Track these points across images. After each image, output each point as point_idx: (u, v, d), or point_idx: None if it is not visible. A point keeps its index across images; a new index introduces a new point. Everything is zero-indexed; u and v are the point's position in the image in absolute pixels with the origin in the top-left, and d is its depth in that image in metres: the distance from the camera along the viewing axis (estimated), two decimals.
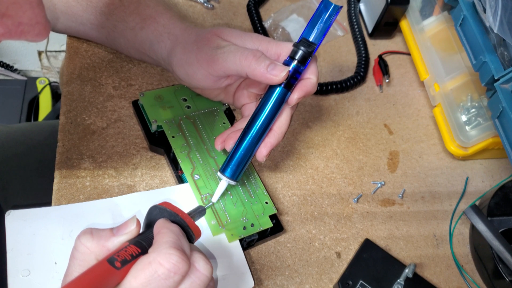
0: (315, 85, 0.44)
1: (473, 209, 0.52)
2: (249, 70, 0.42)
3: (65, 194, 0.48)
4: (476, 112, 0.59)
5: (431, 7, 0.65)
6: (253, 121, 0.45)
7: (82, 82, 0.55)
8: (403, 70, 0.69)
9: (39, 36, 0.28)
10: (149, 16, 0.50)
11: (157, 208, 0.36)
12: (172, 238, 0.33)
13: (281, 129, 0.45)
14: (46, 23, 0.28)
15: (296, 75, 0.44)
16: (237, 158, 0.45)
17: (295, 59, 0.43)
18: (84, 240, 0.33)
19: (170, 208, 0.36)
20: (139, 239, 0.34)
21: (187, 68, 0.46)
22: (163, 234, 0.33)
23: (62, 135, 0.51)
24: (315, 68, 0.44)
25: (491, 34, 0.50)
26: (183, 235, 0.34)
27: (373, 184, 0.57)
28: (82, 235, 0.33)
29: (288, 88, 0.44)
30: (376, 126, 0.62)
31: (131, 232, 0.34)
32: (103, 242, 0.33)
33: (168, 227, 0.34)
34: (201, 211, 0.40)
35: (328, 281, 0.49)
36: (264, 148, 0.45)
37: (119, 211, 0.46)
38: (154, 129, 0.51)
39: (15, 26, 0.27)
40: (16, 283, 0.40)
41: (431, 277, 0.52)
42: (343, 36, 0.70)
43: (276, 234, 0.50)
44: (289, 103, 0.44)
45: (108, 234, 0.33)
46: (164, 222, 0.35)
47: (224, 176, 0.45)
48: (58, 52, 1.42)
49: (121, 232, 0.34)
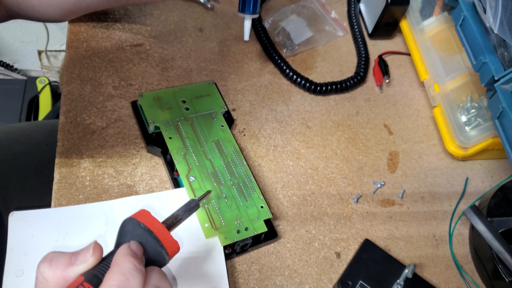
0: None
1: (473, 210, 0.52)
2: None
3: (65, 194, 0.48)
4: (476, 112, 0.59)
5: (431, 7, 0.65)
6: None
7: (82, 82, 0.55)
8: (403, 71, 0.69)
9: None
10: None
11: (131, 223, 0.32)
12: (118, 281, 0.29)
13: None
14: None
15: None
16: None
17: None
18: (43, 269, 0.31)
19: (145, 222, 0.32)
20: (97, 271, 0.31)
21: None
22: (111, 274, 0.30)
23: (62, 134, 0.51)
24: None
25: (491, 35, 0.50)
26: (136, 273, 0.30)
27: (373, 184, 0.57)
28: (41, 263, 0.31)
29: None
30: (376, 126, 0.62)
31: (88, 262, 0.31)
32: (60, 272, 0.30)
33: (120, 263, 0.30)
34: (192, 208, 0.37)
35: (327, 281, 0.49)
36: None
37: (113, 215, 0.46)
38: (151, 130, 0.51)
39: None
40: (9, 283, 0.41)
41: (430, 278, 0.52)
42: (343, 36, 0.70)
43: (271, 240, 0.50)
44: None
45: (66, 263, 0.31)
46: (120, 255, 0.31)
47: (245, 14, 0.52)
48: (58, 52, 1.42)
49: (78, 261, 0.31)
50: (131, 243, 0.32)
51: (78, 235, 0.44)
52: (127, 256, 0.31)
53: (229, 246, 0.47)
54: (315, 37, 0.68)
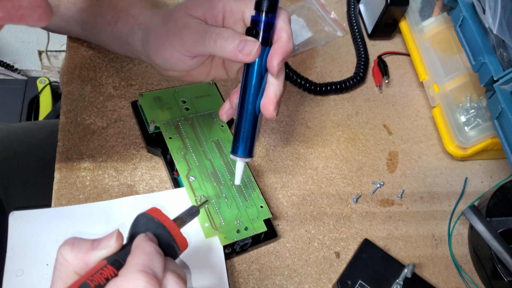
0: (288, 42, 0.41)
1: (472, 210, 0.52)
2: (220, 53, 0.41)
3: (65, 193, 0.48)
4: (475, 112, 0.59)
5: (430, 8, 0.65)
6: (245, 83, 0.42)
7: (82, 82, 0.55)
8: (402, 71, 0.69)
9: (40, 20, 0.27)
10: (122, 9, 0.48)
11: (145, 217, 0.34)
12: (143, 260, 0.30)
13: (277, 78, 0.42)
14: (47, 7, 0.27)
15: (269, 28, 0.41)
16: (243, 132, 0.43)
17: (262, 10, 0.40)
18: (64, 251, 0.31)
19: (158, 218, 0.34)
20: (118, 256, 0.32)
21: (163, 54, 0.44)
22: (135, 255, 0.31)
23: (62, 134, 0.51)
24: (285, 24, 0.41)
25: (490, 35, 0.50)
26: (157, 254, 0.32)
27: (372, 184, 0.58)
28: (62, 246, 0.32)
29: (266, 44, 0.41)
30: (375, 126, 0.63)
31: (110, 248, 0.32)
32: (81, 256, 0.31)
33: (142, 246, 0.32)
34: (194, 213, 0.38)
35: (327, 281, 0.50)
36: (268, 103, 0.42)
37: (113, 215, 0.46)
38: (152, 130, 0.51)
39: (15, 10, 0.25)
40: (10, 282, 0.41)
41: (430, 277, 0.52)
42: (342, 36, 0.70)
43: (270, 240, 0.50)
44: (272, 73, 0.42)
45: (88, 247, 0.32)
46: (141, 240, 0.32)
47: (237, 156, 0.43)
48: (59, 52, 1.42)
49: (100, 246, 0.32)
50: (148, 233, 0.33)
51: (78, 235, 0.44)
52: (148, 241, 0.32)
53: (229, 245, 0.47)
54: (314, 37, 0.68)
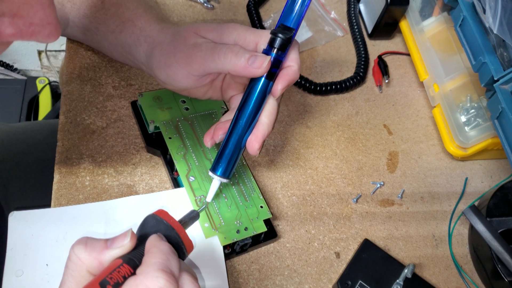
0: (297, 72, 0.43)
1: (472, 210, 0.52)
2: (230, 67, 0.41)
3: (65, 193, 0.48)
4: (476, 112, 0.59)
5: (430, 7, 0.65)
6: (238, 114, 0.43)
7: (82, 81, 0.55)
8: (402, 71, 0.69)
9: (50, 36, 0.28)
10: (128, 19, 0.49)
11: (154, 219, 0.35)
12: (161, 259, 0.31)
13: (269, 119, 0.44)
14: (57, 24, 0.28)
15: (277, 64, 0.42)
16: (226, 155, 0.44)
17: (274, 47, 0.41)
18: (77, 250, 0.32)
19: (166, 220, 0.34)
20: (132, 256, 0.32)
21: (167, 70, 0.45)
22: (152, 254, 0.32)
23: (61, 134, 0.51)
24: (296, 54, 0.43)
25: (490, 35, 0.50)
26: (173, 254, 0.33)
27: (373, 184, 0.57)
28: (76, 244, 0.32)
29: (270, 78, 0.42)
30: (375, 126, 0.63)
31: (125, 247, 0.32)
32: (95, 255, 0.31)
33: (158, 246, 0.32)
34: (194, 217, 0.38)
35: (327, 281, 0.49)
36: (255, 141, 0.43)
37: (113, 215, 0.46)
38: (151, 130, 0.51)
39: (26, 27, 0.26)
40: (9, 283, 0.41)
41: (430, 278, 0.52)
42: (342, 36, 0.70)
43: (270, 240, 0.50)
44: (274, 95, 0.43)
45: (102, 246, 0.32)
46: (155, 239, 0.33)
47: (215, 175, 0.44)
48: (58, 52, 1.42)
49: (115, 245, 0.32)
50: (159, 234, 0.34)
51: (78, 235, 0.44)
52: (162, 241, 0.33)
53: (228, 246, 0.47)
54: (314, 37, 0.68)
